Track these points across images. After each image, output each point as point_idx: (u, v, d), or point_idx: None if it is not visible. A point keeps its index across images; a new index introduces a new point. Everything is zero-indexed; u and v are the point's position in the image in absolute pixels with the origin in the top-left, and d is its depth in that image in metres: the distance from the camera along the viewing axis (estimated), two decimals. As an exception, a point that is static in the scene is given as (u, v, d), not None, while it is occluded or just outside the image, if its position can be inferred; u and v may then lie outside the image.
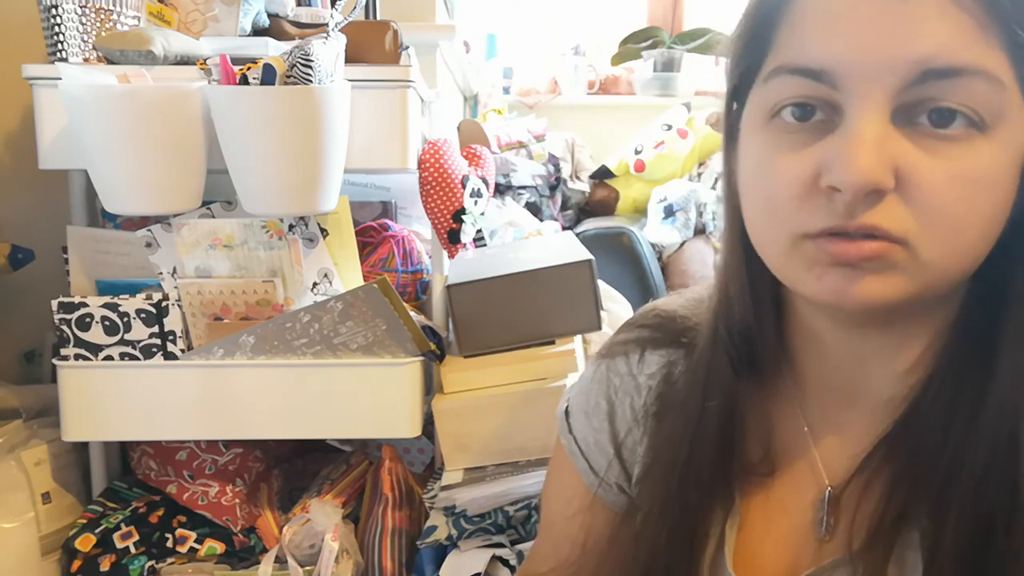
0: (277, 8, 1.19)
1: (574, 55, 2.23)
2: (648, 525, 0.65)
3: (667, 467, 0.65)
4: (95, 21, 1.11)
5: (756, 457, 0.63)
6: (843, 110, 0.50)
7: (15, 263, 1.26)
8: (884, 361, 0.59)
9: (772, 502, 0.63)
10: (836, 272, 0.51)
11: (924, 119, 0.49)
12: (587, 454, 0.73)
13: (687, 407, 0.65)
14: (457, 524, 1.01)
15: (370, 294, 1.04)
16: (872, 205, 0.49)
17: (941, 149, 0.48)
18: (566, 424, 0.75)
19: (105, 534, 1.13)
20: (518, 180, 1.79)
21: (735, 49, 0.57)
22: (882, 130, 0.48)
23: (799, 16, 0.52)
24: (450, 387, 1.15)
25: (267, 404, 1.09)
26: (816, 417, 0.62)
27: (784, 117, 0.52)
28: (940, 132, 0.48)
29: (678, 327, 0.70)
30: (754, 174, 0.55)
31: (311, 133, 0.99)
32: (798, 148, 0.51)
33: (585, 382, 0.75)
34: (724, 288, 0.63)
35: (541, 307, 1.16)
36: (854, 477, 0.58)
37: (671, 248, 1.82)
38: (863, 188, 0.48)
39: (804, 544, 0.60)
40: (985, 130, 0.48)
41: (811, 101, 0.51)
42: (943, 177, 0.48)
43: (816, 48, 0.50)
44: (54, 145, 1.08)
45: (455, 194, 1.18)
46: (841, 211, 0.49)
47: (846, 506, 0.59)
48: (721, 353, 0.63)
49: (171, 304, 1.07)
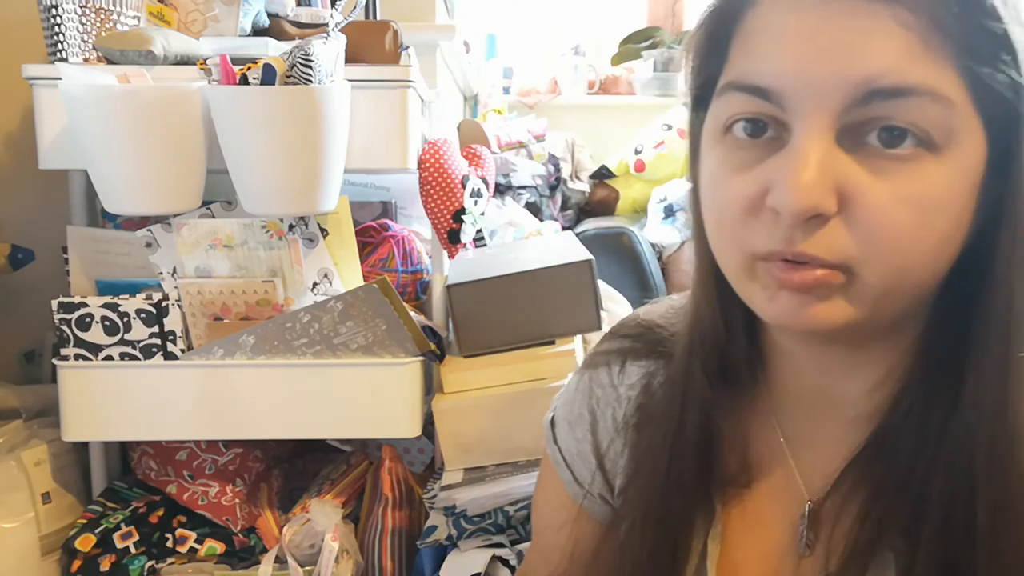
0: (277, 8, 1.19)
1: (574, 55, 2.23)
2: (631, 537, 0.64)
3: (648, 479, 0.64)
4: (95, 21, 1.11)
5: (734, 468, 0.63)
6: (790, 128, 0.49)
7: (15, 263, 1.26)
8: (850, 378, 0.58)
9: (752, 514, 0.62)
10: (786, 296, 0.50)
11: (873, 139, 0.47)
12: (571, 464, 0.73)
13: (666, 419, 0.64)
14: (457, 524, 1.01)
15: (370, 294, 1.04)
16: (813, 231, 0.48)
17: (890, 170, 0.47)
18: (551, 434, 0.75)
19: (105, 534, 1.13)
20: (518, 180, 1.79)
21: (692, 61, 0.57)
22: (826, 152, 0.47)
23: (750, 31, 0.51)
24: (450, 387, 1.15)
25: (267, 404, 1.09)
26: (792, 429, 0.62)
27: (736, 133, 0.52)
28: (889, 152, 0.47)
29: (657, 337, 0.69)
30: (708, 188, 0.54)
31: (311, 133, 0.99)
32: (748, 165, 0.51)
33: (569, 392, 0.75)
34: (696, 300, 0.63)
35: (541, 307, 1.16)
36: (831, 494, 0.58)
37: (671, 248, 1.81)
38: (802, 214, 0.47)
39: (784, 559, 0.60)
40: (936, 151, 0.47)
41: (761, 118, 0.50)
42: (890, 199, 0.47)
43: (763, 65, 0.49)
44: (54, 145, 1.08)
45: (455, 194, 1.18)
46: (782, 235, 0.49)
47: (824, 523, 0.58)
48: (696, 365, 0.63)
49: (171, 304, 1.07)
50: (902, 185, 0.47)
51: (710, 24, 0.54)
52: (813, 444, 0.61)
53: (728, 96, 0.52)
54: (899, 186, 0.47)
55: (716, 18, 0.54)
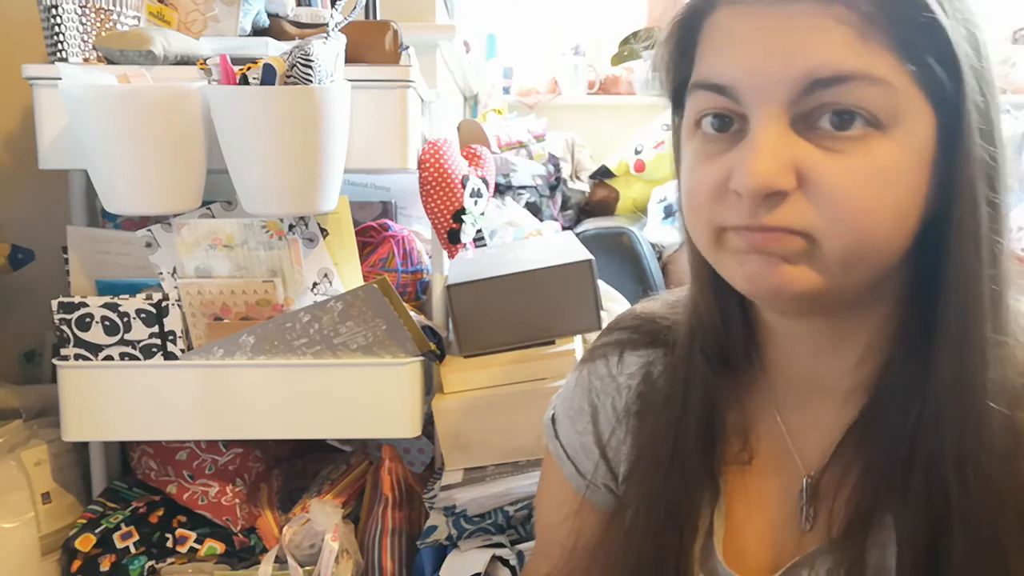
0: (277, 8, 1.19)
1: (574, 55, 2.23)
2: (637, 521, 0.67)
3: (652, 463, 0.67)
4: (95, 21, 1.11)
5: (736, 448, 0.66)
6: (749, 121, 0.54)
7: (15, 263, 1.26)
8: (835, 354, 0.62)
9: (754, 492, 0.65)
10: (754, 259, 0.55)
11: (825, 122, 0.52)
12: (573, 458, 0.75)
13: (669, 404, 0.68)
14: (457, 524, 1.01)
15: (370, 294, 1.04)
16: (774, 207, 0.53)
17: (842, 148, 0.52)
18: (552, 430, 0.78)
19: (105, 534, 1.13)
20: (518, 180, 1.79)
21: (666, 66, 0.62)
22: (779, 137, 0.52)
23: (711, 35, 0.57)
24: (450, 387, 1.15)
25: (267, 404, 1.09)
26: (787, 408, 0.65)
27: (705, 128, 0.57)
28: (840, 134, 0.52)
29: (655, 327, 0.73)
30: (683, 179, 0.60)
31: (311, 133, 0.99)
32: (715, 156, 0.56)
33: (568, 388, 0.77)
34: (692, 289, 0.67)
35: (541, 307, 1.16)
36: (829, 467, 0.62)
37: (671, 248, 1.81)
38: (759, 192, 0.52)
39: (787, 534, 0.63)
40: (883, 128, 0.52)
41: (725, 113, 0.56)
42: (844, 174, 0.52)
43: (721, 66, 0.55)
44: (54, 145, 1.08)
45: (455, 194, 1.18)
46: (746, 212, 0.54)
47: (824, 496, 0.61)
48: (697, 350, 0.66)
49: (171, 304, 1.07)
50: (853, 161, 0.52)
51: (677, 32, 0.60)
52: (808, 422, 0.64)
53: (696, 94, 0.57)
54: (851, 161, 0.52)
55: (681, 26, 0.59)
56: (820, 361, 0.63)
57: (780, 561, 0.62)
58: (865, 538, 0.58)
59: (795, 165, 0.52)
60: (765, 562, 0.63)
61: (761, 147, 0.52)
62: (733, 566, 0.64)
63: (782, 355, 0.65)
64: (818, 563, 0.60)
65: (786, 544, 0.63)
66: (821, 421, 0.63)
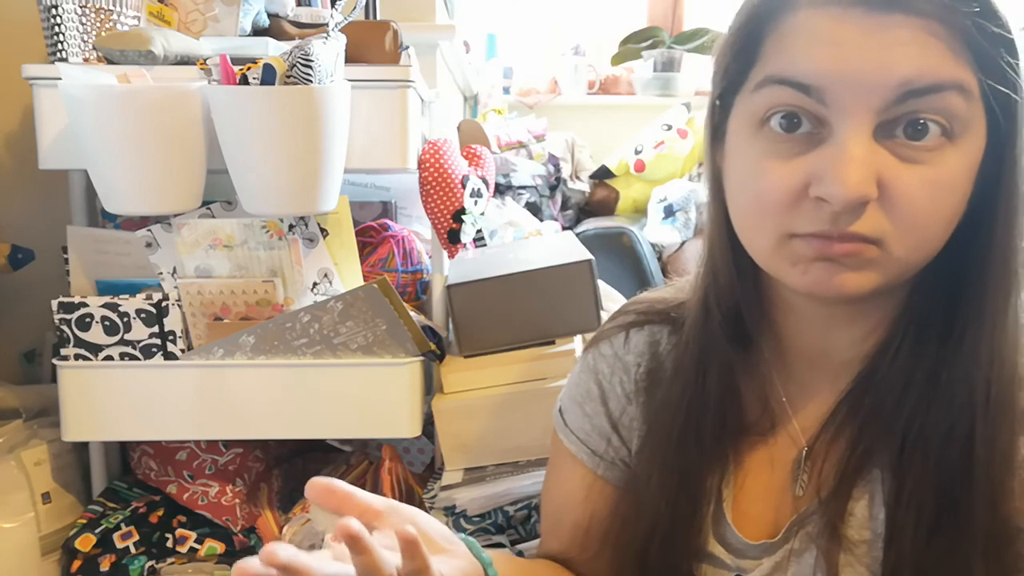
0: (277, 8, 1.19)
1: (574, 55, 2.22)
2: (650, 490, 0.69)
3: (664, 434, 0.70)
4: (95, 21, 1.11)
5: (750, 418, 0.69)
6: (830, 124, 0.56)
7: (15, 263, 1.26)
8: (848, 328, 0.65)
9: (757, 461, 0.69)
10: (819, 267, 0.57)
11: (900, 132, 0.55)
12: (586, 441, 0.76)
13: (680, 377, 0.70)
14: (457, 524, 1.01)
15: (370, 294, 1.04)
16: (857, 215, 0.55)
17: (916, 158, 0.55)
18: (561, 420, 0.79)
19: (105, 534, 1.13)
20: (518, 180, 1.79)
21: (723, 58, 0.62)
22: (867, 146, 0.54)
23: (787, 33, 0.57)
24: (450, 387, 1.15)
25: (267, 404, 1.09)
26: (791, 383, 0.69)
27: (772, 126, 0.58)
28: (916, 144, 0.55)
29: (660, 308, 0.75)
30: (744, 176, 0.61)
31: (311, 133, 0.99)
32: (787, 157, 0.57)
33: (575, 375, 0.79)
34: (712, 266, 0.69)
35: (541, 307, 1.16)
36: (822, 433, 0.66)
37: (671, 248, 1.81)
38: (852, 202, 0.54)
39: (784, 501, 0.67)
40: (953, 139, 0.55)
41: (798, 112, 0.56)
42: (917, 183, 0.55)
43: (806, 65, 0.55)
44: (54, 145, 1.08)
45: (455, 194, 1.18)
46: (827, 219, 0.56)
47: (815, 461, 0.65)
48: (714, 324, 0.68)
49: (171, 304, 1.07)
50: (927, 171, 0.55)
51: (744, 26, 0.60)
52: (808, 396, 0.68)
53: (768, 89, 0.58)
54: (925, 171, 0.55)
55: (751, 18, 0.60)
56: (832, 337, 0.66)
57: (778, 525, 0.66)
58: (850, 492, 0.62)
59: (877, 174, 0.54)
60: (766, 525, 0.67)
61: (853, 155, 0.54)
62: (740, 531, 0.67)
63: (793, 330, 0.68)
64: (808, 521, 0.64)
65: (783, 509, 0.66)
66: (819, 393, 0.67)
